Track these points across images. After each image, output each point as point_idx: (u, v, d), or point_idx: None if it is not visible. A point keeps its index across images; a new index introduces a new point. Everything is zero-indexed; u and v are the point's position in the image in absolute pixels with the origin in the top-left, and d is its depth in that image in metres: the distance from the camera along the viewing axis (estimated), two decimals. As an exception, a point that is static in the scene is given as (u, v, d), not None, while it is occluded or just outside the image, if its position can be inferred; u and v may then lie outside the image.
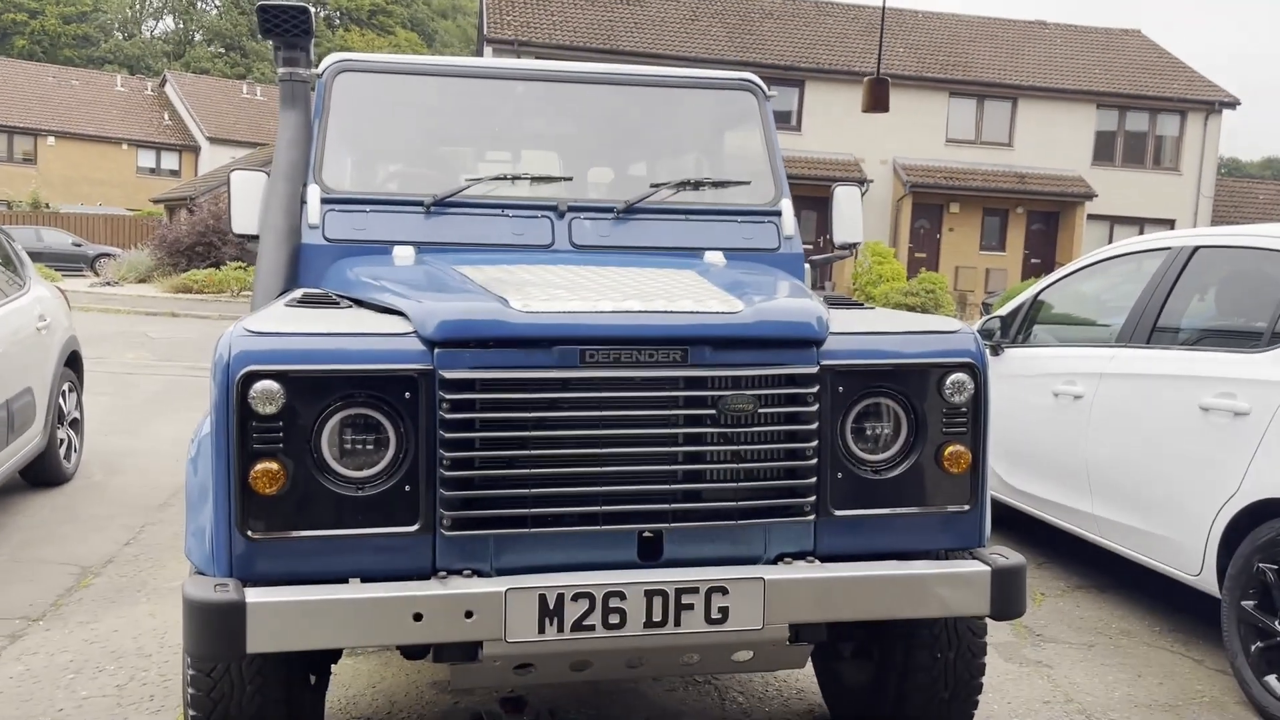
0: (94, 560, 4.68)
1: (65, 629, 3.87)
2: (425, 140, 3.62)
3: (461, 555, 2.17)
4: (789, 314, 2.32)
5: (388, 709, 3.24)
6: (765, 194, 3.44)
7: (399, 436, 2.15)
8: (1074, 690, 3.59)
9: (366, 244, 3.15)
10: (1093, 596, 4.62)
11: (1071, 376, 4.54)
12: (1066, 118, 27.63)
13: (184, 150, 43.27)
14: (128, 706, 3.24)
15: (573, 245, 3.23)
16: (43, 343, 5.71)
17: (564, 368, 2.19)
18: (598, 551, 2.24)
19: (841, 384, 2.32)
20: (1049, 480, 4.69)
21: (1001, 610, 2.32)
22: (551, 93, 3.57)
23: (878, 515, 2.36)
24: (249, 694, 2.35)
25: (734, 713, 3.30)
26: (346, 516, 2.13)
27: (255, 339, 2.11)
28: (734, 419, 2.25)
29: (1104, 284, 5.08)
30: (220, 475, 2.10)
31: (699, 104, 3.68)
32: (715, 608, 2.18)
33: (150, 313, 18.18)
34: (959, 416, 2.38)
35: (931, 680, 2.71)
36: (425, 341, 2.17)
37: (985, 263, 27.20)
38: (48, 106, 41.43)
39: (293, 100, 3.31)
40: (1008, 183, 26.76)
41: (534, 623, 2.11)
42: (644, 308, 2.26)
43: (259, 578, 2.10)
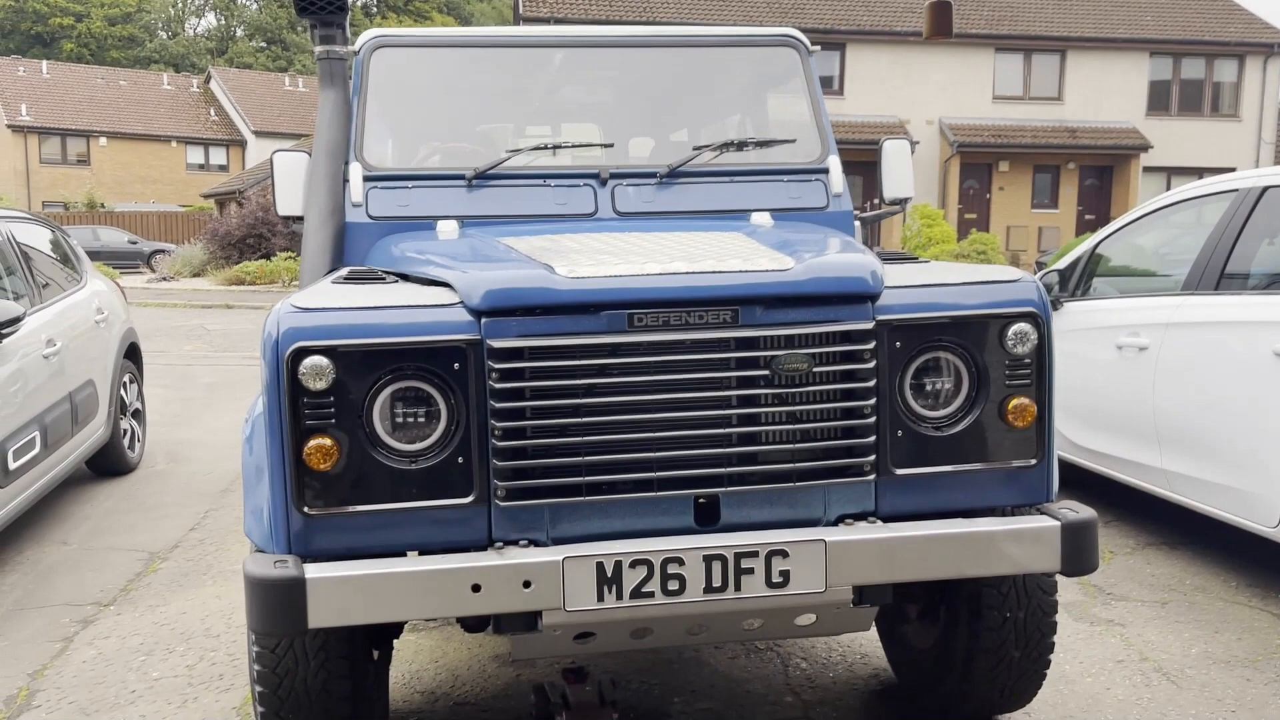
0: (161, 546, 4.77)
1: (135, 613, 3.95)
2: (464, 113, 3.59)
3: (517, 525, 2.15)
4: (842, 269, 2.25)
5: (451, 682, 3.26)
6: (811, 151, 3.36)
7: (450, 408, 2.13)
8: (1148, 649, 3.50)
9: (410, 220, 3.13)
10: (1164, 553, 4.50)
11: (1135, 328, 4.41)
12: (1118, 68, 26.88)
13: (231, 145, 43.92)
14: (198, 686, 3.29)
15: (616, 212, 3.18)
16: (102, 336, 5.81)
17: (612, 333, 2.15)
18: (654, 518, 2.20)
19: (899, 339, 2.25)
20: (1114, 436, 4.56)
21: (1073, 566, 2.24)
22: (590, 59, 3.52)
23: (940, 473, 2.29)
24: (313, 669, 2.36)
25: (797, 679, 3.26)
26: (401, 490, 2.12)
27: (303, 315, 2.10)
28: (788, 379, 2.20)
29: (1165, 232, 4.92)
30: (275, 453, 2.10)
31: (740, 63, 3.60)
32: (776, 571, 2.14)
33: (206, 305, 18.52)
34: (1022, 368, 2.30)
35: (1001, 641, 2.64)
36: (472, 311, 2.15)
37: (1038, 221, 26.65)
38: (98, 108, 42.25)
39: (331, 79, 3.29)
40: (1059, 138, 26.14)
41: (592, 591, 2.08)
42: (692, 268, 2.21)
43: (318, 553, 2.10)
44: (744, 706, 3.08)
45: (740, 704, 3.09)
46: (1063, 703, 3.10)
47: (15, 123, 39.63)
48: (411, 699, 3.16)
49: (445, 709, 3.09)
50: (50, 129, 40.65)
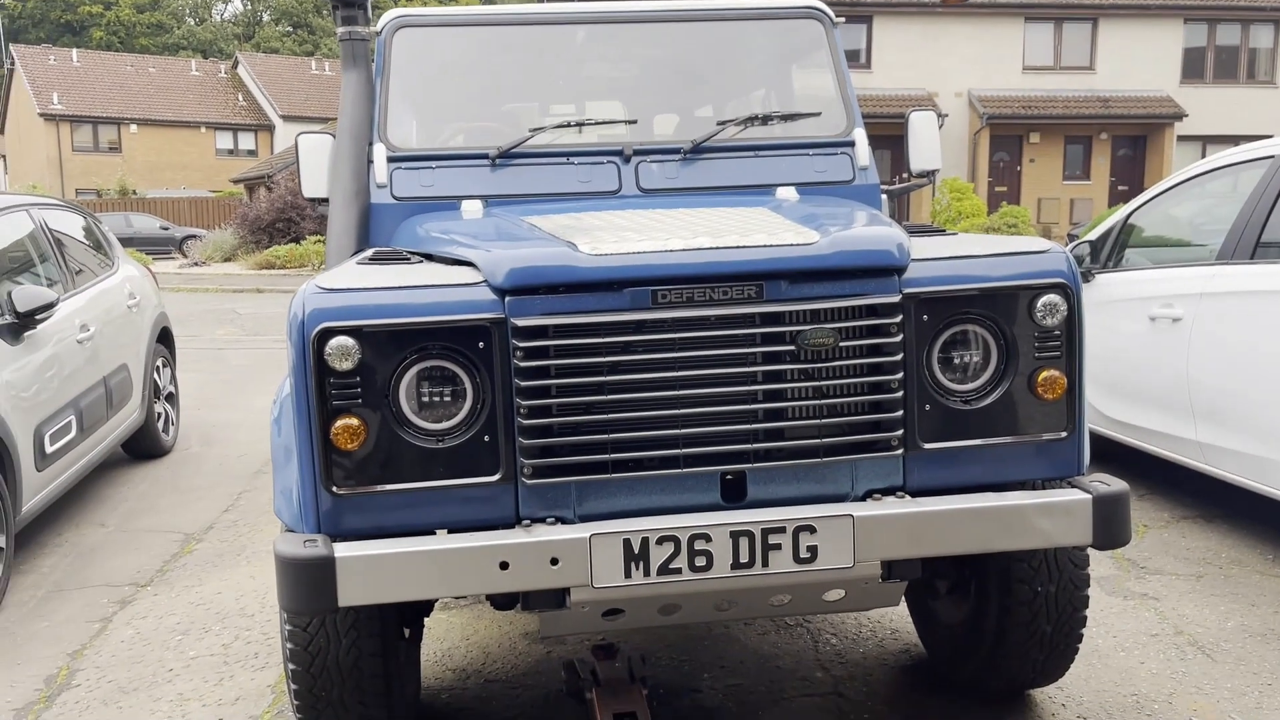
0: (195, 527, 4.84)
1: (172, 593, 4.01)
2: (488, 92, 3.57)
3: (544, 503, 2.16)
4: (867, 241, 2.23)
5: (482, 660, 3.29)
6: (837, 124, 3.33)
7: (475, 387, 2.13)
8: (1183, 622, 3.46)
9: (434, 200, 3.14)
10: (1199, 526, 4.44)
11: (1169, 299, 4.34)
12: (1151, 35, 26.35)
13: (259, 130, 44.15)
14: (234, 664, 3.34)
15: (640, 189, 3.17)
16: (134, 320, 5.88)
17: (636, 310, 2.15)
18: (680, 495, 2.20)
19: (926, 312, 2.23)
20: (1147, 408, 4.51)
21: (1105, 539, 2.22)
22: (613, 35, 3.50)
23: (969, 447, 2.27)
24: (345, 647, 2.39)
25: (827, 654, 3.26)
26: (428, 469, 2.13)
27: (328, 296, 2.10)
28: (814, 354, 2.18)
29: (1199, 201, 4.83)
30: (303, 434, 2.11)
31: (764, 36, 3.56)
32: (804, 547, 2.13)
33: (237, 290, 18.70)
34: (1052, 340, 2.27)
35: (1032, 615, 2.62)
36: (496, 290, 2.15)
37: (1069, 193, 26.27)
38: (128, 95, 42.59)
39: (354, 60, 3.29)
40: (1090, 108, 25.71)
41: (620, 567, 2.09)
42: (716, 244, 2.20)
43: (347, 532, 2.11)
44: (773, 682, 3.08)
45: (770, 679, 3.10)
46: (1095, 677, 3.08)
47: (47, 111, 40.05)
48: (443, 676, 3.19)
49: (476, 686, 3.12)
50: (82, 117, 41.04)
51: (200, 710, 3.05)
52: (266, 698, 3.11)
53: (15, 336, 4.37)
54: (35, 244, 5.11)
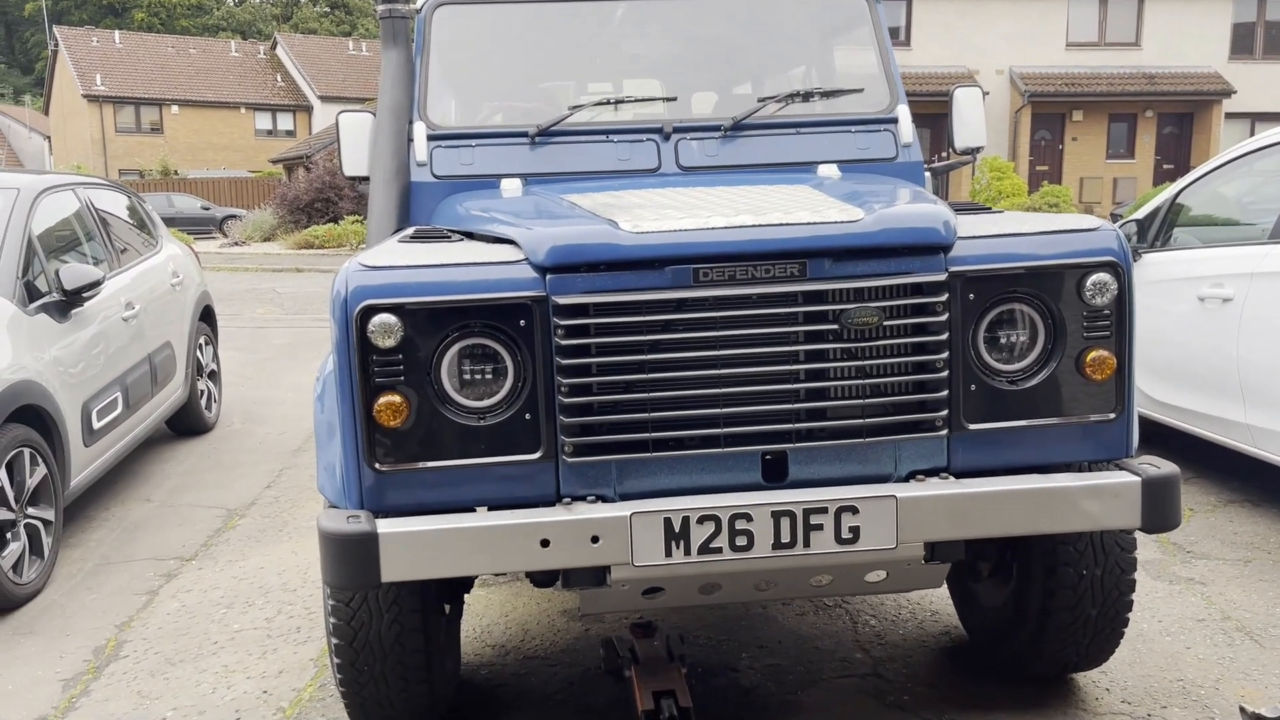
0: (238, 503, 4.90)
1: (216, 567, 4.07)
2: (527, 70, 3.56)
3: (585, 481, 2.16)
4: (913, 219, 2.20)
5: (521, 637, 3.31)
6: (880, 101, 3.28)
7: (517, 365, 2.13)
8: (1230, 608, 3.41)
9: (474, 179, 3.13)
10: (1247, 511, 4.36)
11: (1219, 279, 4.25)
12: (1199, 9, 25.75)
13: (297, 110, 44.50)
14: (277, 638, 3.39)
15: (680, 167, 3.14)
16: (178, 299, 5.95)
17: (678, 288, 2.13)
18: (721, 474, 2.19)
19: (972, 291, 2.19)
20: (1195, 390, 4.42)
21: (1154, 523, 2.18)
22: (651, 11, 3.46)
23: (1015, 428, 2.24)
24: (386, 622, 2.41)
25: (866, 635, 3.25)
26: (469, 446, 2.13)
27: (371, 273, 2.11)
28: (858, 333, 2.16)
29: (1250, 179, 4.72)
30: (346, 410, 2.12)
31: (806, 11, 3.52)
32: (845, 528, 2.12)
33: (276, 269, 18.88)
34: (1101, 319, 2.23)
35: (1077, 599, 2.59)
36: (537, 268, 2.14)
37: (1112, 172, 25.82)
38: (170, 76, 43.07)
39: (394, 38, 3.29)
40: (1135, 85, 25.20)
41: (661, 546, 2.08)
42: (758, 221, 2.17)
43: (389, 509, 2.13)
44: (812, 663, 3.07)
45: (808, 660, 3.09)
46: (1140, 661, 3.04)
47: (91, 92, 40.60)
48: (482, 652, 3.22)
49: (515, 662, 3.14)
50: (124, 98, 41.57)
51: (245, 682, 3.10)
52: (309, 671, 3.15)
53: (63, 314, 4.44)
54: (82, 223, 5.18)
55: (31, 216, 4.55)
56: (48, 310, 4.35)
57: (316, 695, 3.00)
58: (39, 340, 4.19)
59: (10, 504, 3.76)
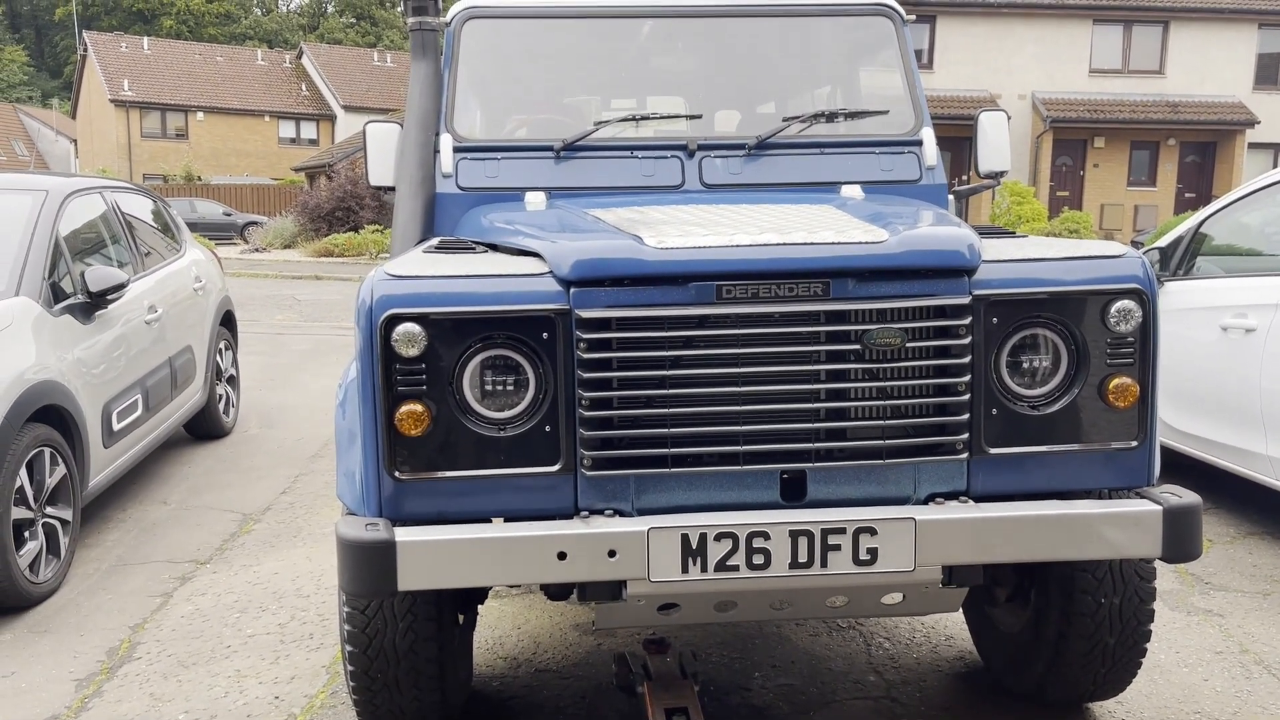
0: (254, 508, 4.92)
1: (230, 571, 4.09)
2: (553, 84, 3.59)
3: (603, 495, 2.16)
4: (937, 241, 2.20)
5: (533, 649, 3.30)
6: (905, 123, 3.28)
7: (538, 377, 2.14)
8: (1249, 640, 3.37)
9: (499, 191, 3.16)
10: (1268, 543, 4.32)
11: (1242, 309, 4.23)
12: (1224, 39, 25.70)
13: (321, 119, 44.82)
14: (290, 644, 3.40)
15: (703, 185, 3.16)
16: (199, 304, 6.00)
17: (700, 304, 2.14)
18: (740, 492, 2.19)
19: (996, 315, 2.19)
20: (1217, 421, 4.39)
21: (1175, 553, 2.16)
22: (678, 29, 3.48)
23: (1036, 453, 2.23)
24: (401, 630, 2.41)
25: (880, 658, 3.23)
26: (489, 457, 2.14)
27: (396, 283, 2.12)
28: (880, 354, 2.16)
29: (1274, 209, 4.69)
30: (367, 418, 2.13)
31: (833, 32, 3.53)
32: (864, 549, 2.11)
33: (296, 276, 18.98)
34: (1125, 346, 2.22)
35: (1095, 627, 2.57)
36: (561, 281, 2.15)
37: (1134, 199, 25.72)
38: (196, 83, 43.47)
39: (423, 50, 3.32)
40: (1158, 113, 25.13)
41: (677, 562, 2.08)
42: (782, 240, 2.18)
43: (408, 517, 2.13)
44: (825, 684, 3.06)
45: (821, 681, 3.07)
46: (1157, 693, 3.01)
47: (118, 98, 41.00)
48: (494, 664, 3.21)
49: (527, 674, 3.14)
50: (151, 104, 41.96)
51: (257, 687, 3.11)
52: (321, 678, 3.16)
53: (87, 316, 4.48)
54: (107, 226, 5.23)
55: (59, 219, 4.59)
56: (72, 311, 4.39)
57: (329, 702, 3.00)
58: (62, 341, 4.23)
59: (29, 503, 3.78)
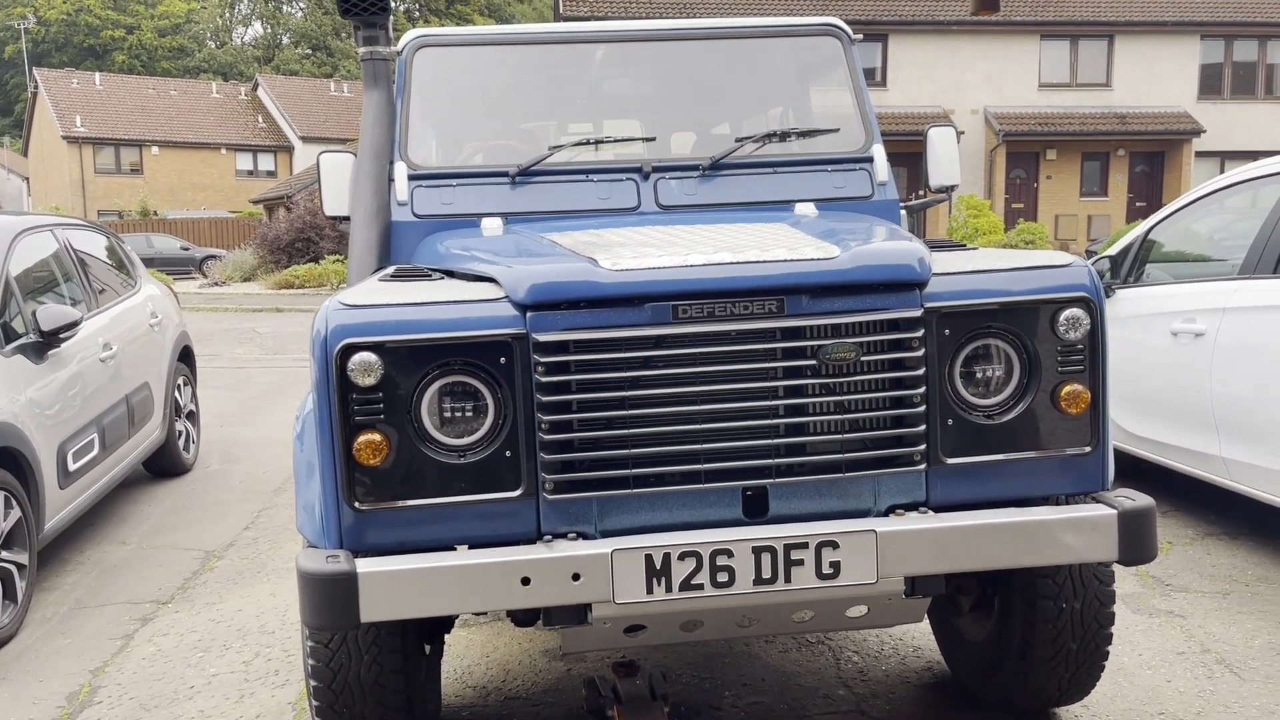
0: (216, 545, 4.85)
1: (193, 610, 4.02)
2: (507, 111, 3.60)
3: (565, 518, 2.16)
4: (888, 256, 2.23)
5: (502, 677, 3.28)
6: (855, 140, 3.33)
7: (497, 402, 2.14)
8: (1210, 640, 3.42)
9: (455, 218, 3.16)
10: (1224, 544, 4.40)
11: (1191, 314, 4.31)
12: (1168, 51, 26.31)
13: (279, 151, 44.57)
14: (254, 681, 3.35)
15: (659, 206, 3.18)
16: (156, 339, 5.93)
17: (657, 325, 2.15)
18: (702, 510, 2.20)
19: (948, 326, 2.22)
20: (1170, 424, 4.47)
21: (1131, 555, 2.20)
22: (631, 53, 3.52)
23: (992, 462, 2.26)
24: (366, 663, 2.39)
25: (849, 672, 3.24)
26: (450, 484, 2.13)
27: (351, 312, 2.12)
28: (836, 369, 2.18)
29: (1220, 216, 4.80)
30: (325, 449, 2.12)
31: (782, 53, 3.57)
32: (826, 563, 2.12)
33: (257, 309, 18.81)
34: (1075, 354, 2.26)
35: (1057, 632, 2.60)
36: (517, 306, 2.16)
37: (1087, 209, 26.19)
38: (150, 117, 43.09)
39: (375, 79, 3.32)
40: (1107, 124, 25.65)
41: (642, 583, 2.08)
42: (736, 259, 2.20)
43: (369, 548, 2.12)
44: (795, 700, 3.06)
45: (792, 697, 3.07)
46: (1122, 695, 3.04)
47: (70, 134, 40.53)
48: (463, 694, 3.18)
49: (497, 703, 3.11)
50: (104, 139, 41.53)
51: (221, 727, 3.06)
52: (287, 715, 3.11)
53: (39, 355, 4.41)
54: (59, 263, 5.16)
55: (9, 257, 4.53)
56: (24, 351, 4.32)
57: (294, 739, 2.96)
58: (15, 381, 4.16)
59: (-17, 547, 3.71)
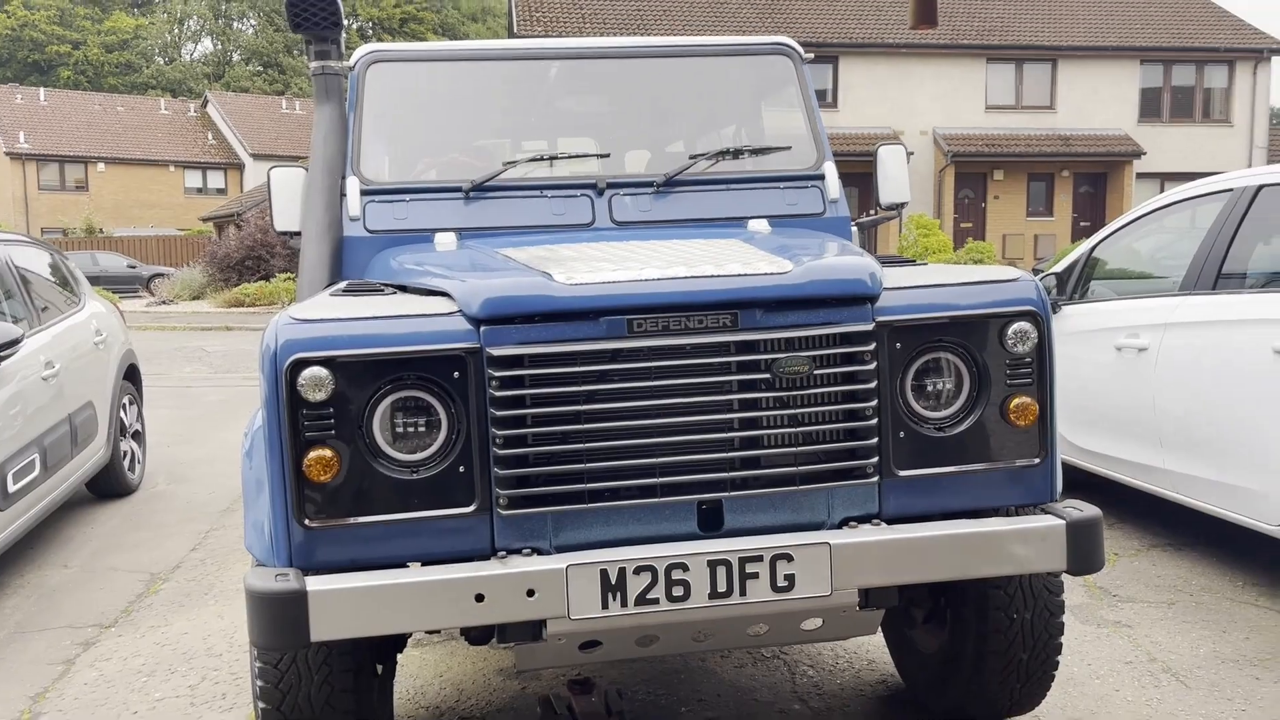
0: (162, 566, 4.75)
1: (137, 634, 3.93)
2: (461, 126, 3.59)
3: (520, 534, 2.14)
4: (840, 271, 2.25)
5: (456, 697, 3.24)
6: (807, 158, 3.37)
7: (450, 417, 2.12)
8: (1156, 649, 3.48)
9: (408, 233, 3.13)
10: (1169, 555, 4.48)
11: (1134, 329, 4.41)
12: (1109, 75, 26.99)
13: (229, 168, 44.01)
14: (200, 705, 3.27)
15: (614, 222, 3.18)
16: (101, 357, 5.81)
17: (612, 339, 2.15)
18: (657, 524, 2.20)
19: (899, 340, 2.25)
20: (1116, 437, 4.56)
21: (1079, 565, 2.23)
22: (585, 70, 3.53)
23: (944, 474, 2.28)
24: (316, 684, 2.34)
25: (805, 686, 3.24)
26: (402, 500, 2.11)
27: (301, 326, 2.09)
28: (789, 382, 2.19)
29: (1161, 233, 4.92)
30: (275, 466, 2.09)
31: (735, 71, 3.61)
32: (781, 575, 2.13)
33: (206, 328, 18.52)
34: (1023, 367, 2.30)
35: (1009, 643, 2.63)
36: (471, 320, 2.14)
37: (1033, 229, 26.70)
38: (96, 134, 42.36)
39: (326, 94, 3.30)
40: (1052, 146, 26.22)
41: (597, 598, 2.07)
42: (690, 273, 2.21)
43: (319, 566, 2.08)
44: (751, 715, 3.06)
45: (748, 712, 3.07)
46: (1072, 705, 3.08)
47: (14, 150, 39.71)
48: (416, 715, 3.14)
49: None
50: (48, 156, 40.74)
51: (166, 753, 2.98)
52: (235, 739, 3.04)
53: (-22, 373, 4.30)
54: (0, 281, 5.04)
55: (-52, 273, 4.42)
56: (-37, 369, 4.21)
57: (242, 764, 2.90)
58: (-47, 400, 4.05)
59: (-82, 572, 3.59)
